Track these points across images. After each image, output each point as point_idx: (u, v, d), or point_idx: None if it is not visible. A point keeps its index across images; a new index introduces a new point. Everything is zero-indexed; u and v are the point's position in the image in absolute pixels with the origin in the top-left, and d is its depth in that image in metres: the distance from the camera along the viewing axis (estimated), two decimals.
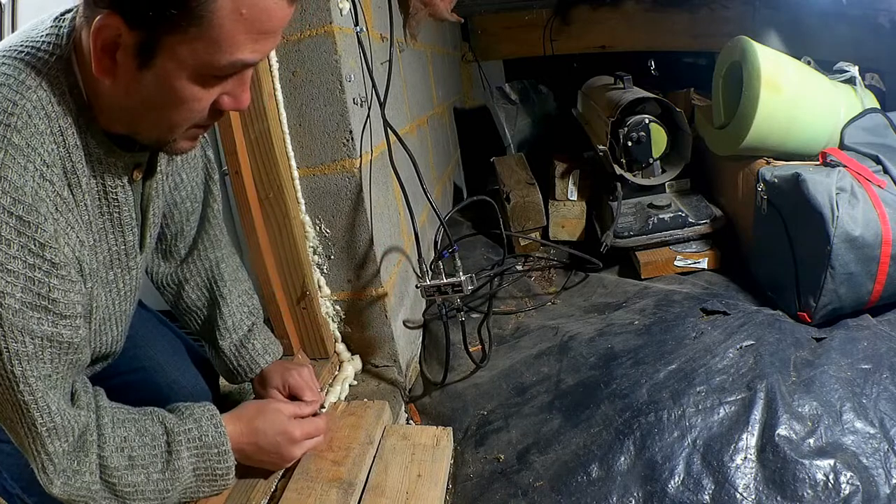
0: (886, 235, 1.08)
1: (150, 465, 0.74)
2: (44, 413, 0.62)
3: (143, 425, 0.75)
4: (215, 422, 0.81)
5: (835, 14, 1.89)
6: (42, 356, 0.61)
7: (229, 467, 0.82)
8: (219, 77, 0.61)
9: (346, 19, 1.10)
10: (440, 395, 1.18)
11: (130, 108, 0.62)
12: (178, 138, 0.67)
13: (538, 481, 0.93)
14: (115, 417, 0.73)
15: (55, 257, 0.60)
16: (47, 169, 0.59)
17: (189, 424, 0.79)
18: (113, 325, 0.79)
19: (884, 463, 0.83)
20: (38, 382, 0.61)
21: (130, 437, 0.73)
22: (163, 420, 0.78)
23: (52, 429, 0.64)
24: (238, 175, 1.07)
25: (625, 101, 1.59)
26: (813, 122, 1.35)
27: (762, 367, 0.99)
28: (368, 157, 1.16)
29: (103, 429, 0.71)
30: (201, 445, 0.79)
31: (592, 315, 1.35)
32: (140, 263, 0.80)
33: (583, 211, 1.80)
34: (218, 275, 0.99)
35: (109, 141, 0.67)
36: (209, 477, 0.80)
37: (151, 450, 0.75)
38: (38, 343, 0.60)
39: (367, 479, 0.92)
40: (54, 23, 0.64)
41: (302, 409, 0.94)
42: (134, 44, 0.56)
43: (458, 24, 2.60)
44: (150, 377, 0.98)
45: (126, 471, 0.71)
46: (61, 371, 0.65)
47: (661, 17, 2.62)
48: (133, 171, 0.72)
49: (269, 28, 0.59)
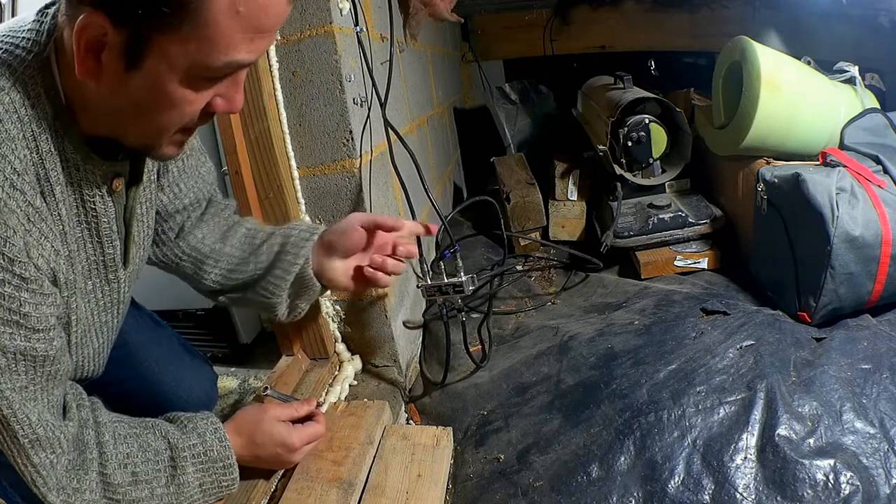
0: (886, 235, 1.08)
1: (154, 480, 0.73)
2: (24, 425, 0.61)
3: (145, 440, 0.75)
4: (219, 435, 0.81)
5: (835, 14, 1.89)
6: (16, 369, 0.59)
7: (234, 478, 0.82)
8: (212, 78, 0.58)
9: (346, 19, 1.10)
10: (440, 395, 1.18)
11: (116, 112, 0.60)
12: (165, 143, 0.64)
13: (538, 481, 0.93)
14: (117, 433, 0.72)
15: (25, 271, 0.57)
16: (18, 178, 0.56)
17: (193, 440, 0.78)
18: (93, 336, 0.77)
19: (884, 463, 0.83)
20: (14, 394, 0.59)
21: (133, 452, 0.72)
22: (166, 434, 0.77)
23: (34, 440, 0.62)
24: (238, 175, 1.07)
25: (625, 101, 1.59)
26: (813, 122, 1.35)
27: (762, 367, 0.99)
28: (368, 157, 1.16)
29: (105, 446, 0.70)
30: (206, 460, 0.79)
31: (592, 315, 1.35)
32: (125, 278, 0.78)
33: (583, 211, 1.80)
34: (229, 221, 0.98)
35: (87, 148, 0.64)
36: (215, 489, 0.80)
37: (155, 465, 0.74)
38: (11, 357, 0.58)
39: (367, 479, 0.92)
40: (37, 17, 0.61)
41: (299, 410, 0.94)
42: (120, 43, 0.53)
43: (458, 24, 2.60)
44: (146, 386, 0.98)
45: (130, 486, 0.71)
46: (39, 383, 0.63)
47: (661, 17, 2.62)
48: (112, 181, 0.69)
49: (266, 26, 0.56)
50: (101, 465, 0.69)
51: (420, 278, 1.12)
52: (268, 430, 0.86)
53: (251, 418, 0.88)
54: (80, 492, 0.66)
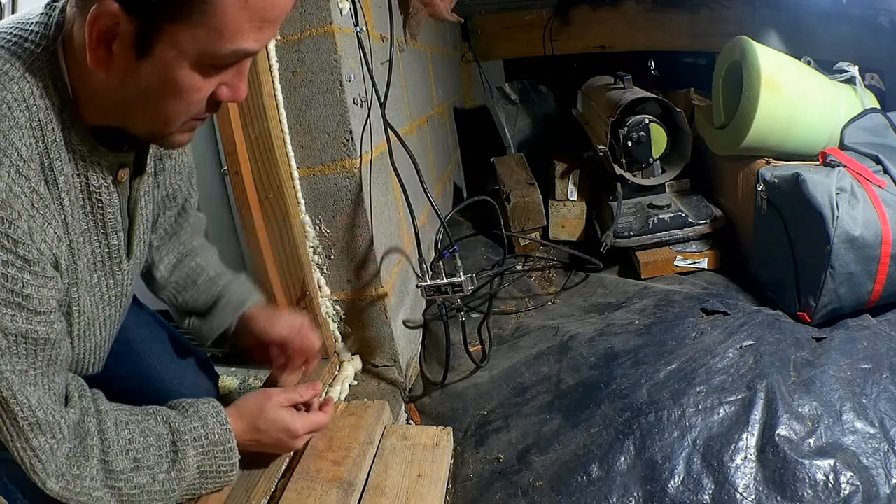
0: (886, 235, 1.08)
1: (156, 465, 0.74)
2: (24, 407, 0.61)
3: (147, 426, 0.75)
4: (220, 419, 0.81)
5: (835, 14, 1.89)
6: (17, 352, 0.60)
7: (234, 464, 0.82)
8: (218, 67, 0.60)
9: (346, 19, 1.10)
10: (440, 395, 1.18)
11: (124, 101, 0.61)
12: (175, 131, 0.66)
13: (538, 481, 0.93)
14: (119, 420, 0.73)
15: (28, 254, 0.58)
16: (24, 164, 0.58)
17: (194, 423, 0.79)
18: (97, 330, 0.77)
19: (884, 463, 0.83)
20: (14, 377, 0.60)
21: (135, 438, 0.73)
22: (167, 419, 0.77)
23: (34, 423, 0.62)
24: (238, 175, 1.07)
25: (625, 101, 1.59)
26: (813, 122, 1.35)
27: (762, 367, 0.99)
28: (368, 157, 1.16)
29: (106, 433, 0.70)
30: (207, 444, 0.79)
31: (592, 315, 1.35)
32: (128, 269, 0.79)
33: (583, 211, 1.80)
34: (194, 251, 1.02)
35: (93, 139, 0.65)
36: (214, 474, 0.80)
37: (157, 450, 0.74)
38: (13, 339, 0.59)
39: (367, 479, 0.92)
40: (45, 10, 0.63)
41: (303, 395, 0.93)
42: (132, 32, 0.55)
43: (458, 24, 2.59)
44: (148, 384, 0.97)
45: (132, 473, 0.71)
46: (39, 367, 0.63)
47: (661, 17, 2.62)
48: (118, 172, 0.71)
49: (272, 16, 0.59)
50: (103, 453, 0.69)
51: (419, 278, 1.12)
52: (271, 415, 0.87)
53: (254, 403, 0.88)
54: (80, 478, 0.66)
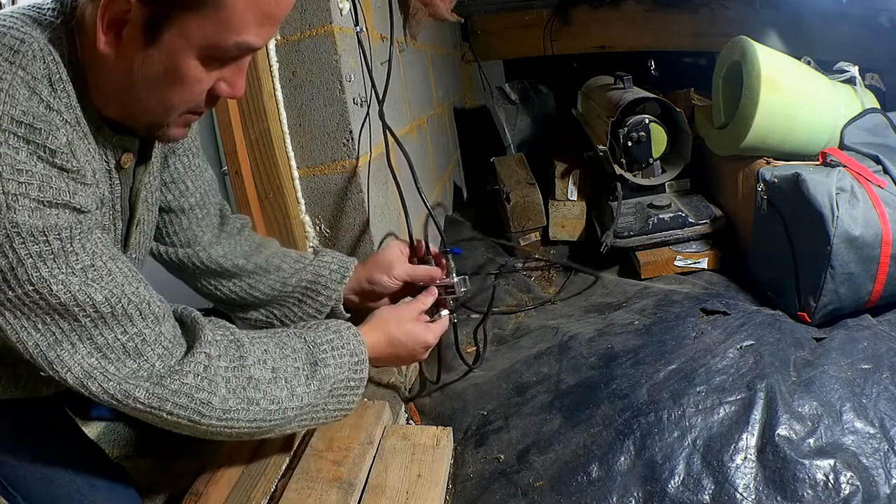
0: (886, 235, 1.08)
1: (294, 378, 0.73)
2: (87, 306, 0.60)
3: (280, 339, 0.75)
4: (354, 331, 0.82)
5: (835, 14, 1.89)
6: (72, 248, 0.59)
7: (362, 379, 0.82)
8: (221, 60, 0.62)
9: (346, 19, 1.10)
10: (440, 395, 1.18)
11: (128, 88, 0.62)
12: (171, 124, 0.66)
13: (538, 481, 0.93)
14: (250, 334, 0.73)
15: (67, 163, 0.58)
16: (55, 93, 0.59)
17: (330, 335, 0.79)
18: None
19: (884, 463, 0.83)
20: (73, 277, 0.59)
21: (270, 349, 0.73)
22: (301, 334, 0.78)
23: (96, 318, 0.61)
24: (238, 175, 1.07)
25: (625, 101, 1.59)
26: (813, 122, 1.35)
27: (762, 367, 0.99)
28: (368, 157, 1.16)
29: (241, 341, 0.70)
30: (344, 353, 0.79)
31: (592, 315, 1.35)
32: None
33: (583, 211, 1.80)
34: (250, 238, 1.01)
35: (100, 119, 0.66)
36: (341, 391, 0.80)
37: (293, 361, 0.74)
38: (66, 235, 0.58)
39: (367, 479, 0.92)
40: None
41: (426, 302, 0.97)
42: (143, 19, 0.56)
43: (458, 24, 2.60)
44: None
45: (270, 384, 0.71)
46: (107, 253, 0.62)
47: (661, 17, 2.62)
48: (122, 157, 0.70)
49: (277, 13, 0.61)
50: (242, 358, 0.69)
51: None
52: (408, 329, 0.91)
53: (391, 317, 0.91)
54: (180, 374, 0.65)
